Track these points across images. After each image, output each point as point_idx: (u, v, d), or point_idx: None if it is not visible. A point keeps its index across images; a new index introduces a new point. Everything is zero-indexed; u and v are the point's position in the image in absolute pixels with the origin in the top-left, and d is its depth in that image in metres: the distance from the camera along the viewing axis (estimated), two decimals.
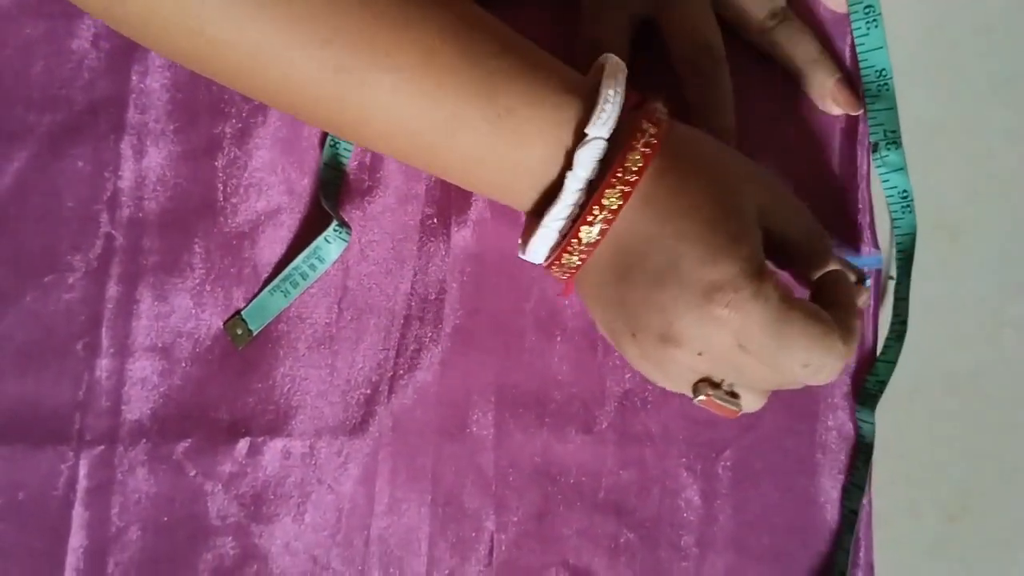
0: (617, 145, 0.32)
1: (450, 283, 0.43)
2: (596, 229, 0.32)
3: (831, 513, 0.42)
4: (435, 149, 0.33)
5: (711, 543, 0.42)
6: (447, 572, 0.42)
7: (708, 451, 0.42)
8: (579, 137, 0.32)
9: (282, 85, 0.32)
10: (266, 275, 0.42)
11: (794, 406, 0.42)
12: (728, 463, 0.42)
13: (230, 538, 0.41)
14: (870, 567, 0.42)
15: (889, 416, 0.42)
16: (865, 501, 0.42)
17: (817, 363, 0.32)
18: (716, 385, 0.34)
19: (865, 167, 0.43)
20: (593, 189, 0.32)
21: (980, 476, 0.44)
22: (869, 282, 0.41)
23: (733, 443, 0.42)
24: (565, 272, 0.34)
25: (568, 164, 0.32)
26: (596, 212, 0.32)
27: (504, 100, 0.32)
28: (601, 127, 0.32)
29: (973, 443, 0.44)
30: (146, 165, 0.42)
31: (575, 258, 0.33)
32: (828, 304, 0.34)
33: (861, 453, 0.42)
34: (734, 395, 0.35)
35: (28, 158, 0.42)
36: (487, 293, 0.43)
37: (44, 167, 0.42)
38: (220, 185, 0.42)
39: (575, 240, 0.32)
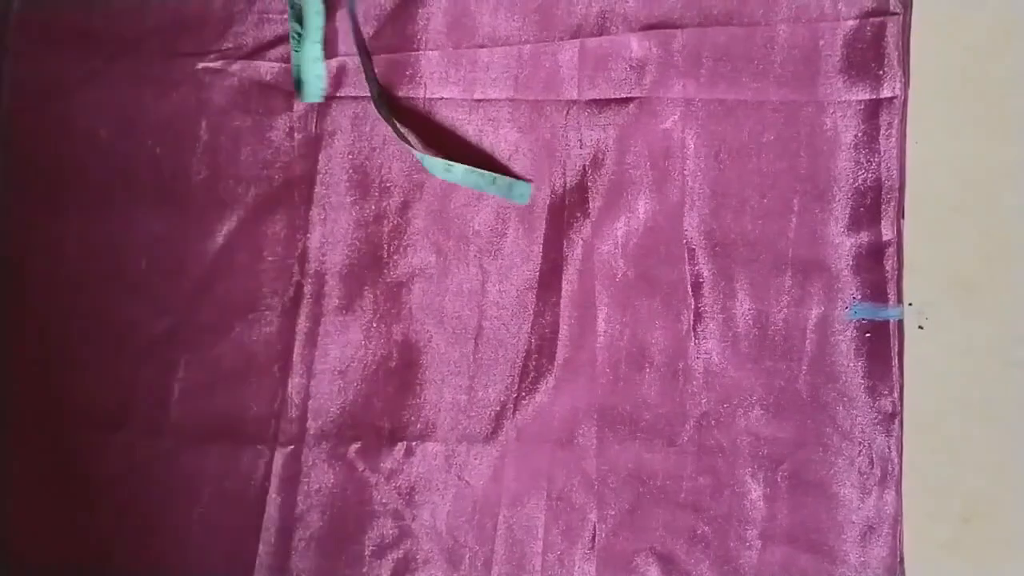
0: None
1: (562, 325, 0.54)
2: None
3: (864, 516, 0.52)
4: None
5: (771, 537, 0.52)
6: (559, 553, 0.52)
7: (769, 463, 0.52)
8: None
9: None
10: (419, 316, 0.54)
11: (836, 430, 0.52)
12: (785, 473, 0.52)
13: (390, 520, 0.53)
14: (900, 558, 0.52)
15: (915, 437, 0.52)
16: (894, 501, 0.51)
17: None
18: None
19: (892, 233, 0.52)
20: None
21: (989, 486, 0.54)
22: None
23: (788, 457, 0.52)
24: None
25: None
26: None
27: None
28: None
29: (984, 459, 0.54)
30: (329, 229, 0.54)
31: None
32: None
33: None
34: None
35: (237, 222, 0.54)
36: (590, 333, 0.54)
37: (249, 229, 0.54)
38: (385, 245, 0.54)
39: None
